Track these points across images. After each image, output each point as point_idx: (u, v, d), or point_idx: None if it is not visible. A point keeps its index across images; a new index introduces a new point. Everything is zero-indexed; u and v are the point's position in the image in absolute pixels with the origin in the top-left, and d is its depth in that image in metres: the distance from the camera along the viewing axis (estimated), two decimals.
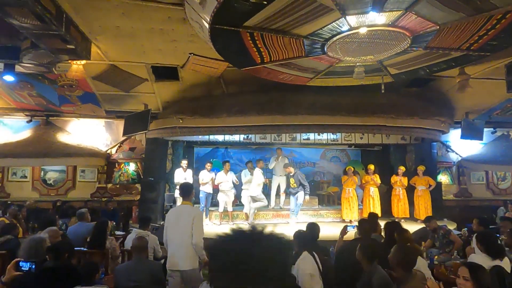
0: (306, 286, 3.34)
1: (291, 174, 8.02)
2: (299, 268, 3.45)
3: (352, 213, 8.60)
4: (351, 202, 8.67)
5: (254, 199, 7.91)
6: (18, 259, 2.41)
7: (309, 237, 4.06)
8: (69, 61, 5.51)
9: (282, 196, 9.07)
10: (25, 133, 8.88)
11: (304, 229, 4.21)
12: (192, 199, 4.34)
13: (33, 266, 2.32)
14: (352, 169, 9.02)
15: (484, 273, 2.38)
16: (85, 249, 4.56)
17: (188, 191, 3.97)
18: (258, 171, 8.06)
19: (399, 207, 8.78)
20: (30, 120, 8.91)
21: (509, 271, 3.25)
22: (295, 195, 7.97)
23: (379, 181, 8.84)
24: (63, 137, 8.98)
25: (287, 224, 8.16)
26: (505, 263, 3.37)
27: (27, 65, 5.36)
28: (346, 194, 8.72)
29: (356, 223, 4.58)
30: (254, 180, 7.95)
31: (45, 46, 4.70)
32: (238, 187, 8.48)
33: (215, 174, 8.35)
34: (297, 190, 7.92)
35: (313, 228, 4.28)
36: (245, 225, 7.98)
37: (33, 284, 2.84)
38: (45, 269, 3.08)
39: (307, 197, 7.98)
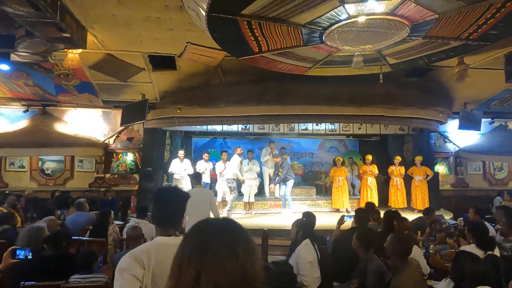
0: (305, 273, 3.40)
1: (279, 164, 8.06)
2: (299, 255, 3.50)
3: (342, 202, 8.64)
4: (341, 192, 8.69)
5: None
6: (14, 246, 2.42)
7: (309, 226, 4.12)
8: (65, 50, 5.46)
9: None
10: (22, 123, 8.83)
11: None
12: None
13: (30, 254, 2.33)
14: (341, 160, 9.06)
15: (465, 261, 2.41)
16: (84, 238, 4.59)
17: (200, 177, 5.59)
18: (236, 158, 8.02)
19: (398, 197, 8.83)
20: (27, 110, 8.87)
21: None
22: (286, 182, 7.96)
23: (376, 171, 8.88)
24: (60, 127, 8.94)
25: (279, 214, 8.18)
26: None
27: (22, 54, 5.31)
28: (336, 183, 8.75)
29: (353, 213, 4.62)
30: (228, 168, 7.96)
31: (40, 35, 4.65)
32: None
33: (213, 164, 8.36)
34: (285, 177, 7.91)
35: (309, 217, 4.31)
36: (244, 215, 8.05)
37: (30, 271, 2.86)
38: (43, 258, 3.11)
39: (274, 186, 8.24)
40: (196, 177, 5.40)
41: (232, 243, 0.90)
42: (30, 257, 2.33)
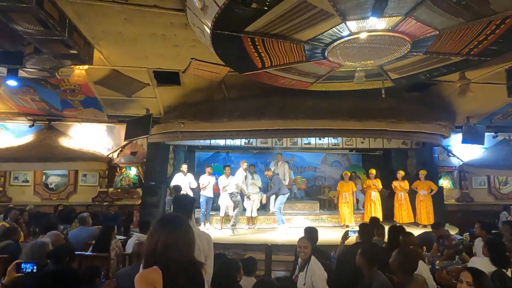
0: None
1: (270, 178, 8.12)
2: (314, 273, 3.46)
3: (348, 218, 8.55)
4: (348, 207, 8.62)
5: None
6: (19, 260, 2.41)
7: (312, 241, 4.10)
8: (72, 66, 5.55)
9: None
10: (27, 138, 8.92)
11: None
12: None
13: (35, 267, 2.32)
14: (349, 174, 9.02)
15: (487, 279, 2.38)
16: (86, 253, 4.57)
17: (180, 189, 6.02)
18: (241, 172, 8.05)
19: (402, 212, 8.75)
20: (32, 125, 8.96)
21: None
22: (277, 197, 7.99)
23: (380, 186, 8.83)
24: (65, 142, 9.02)
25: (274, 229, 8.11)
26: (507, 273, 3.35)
27: (30, 70, 5.42)
28: (342, 199, 8.68)
29: (357, 228, 4.57)
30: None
31: (48, 51, 4.75)
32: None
33: (216, 179, 8.35)
34: (275, 192, 7.97)
35: (311, 232, 4.27)
36: (247, 230, 7.99)
37: (33, 286, 2.84)
38: (46, 274, 3.09)
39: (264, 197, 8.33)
40: (175, 189, 6.41)
41: (176, 226, 1.78)
42: (35, 270, 2.32)
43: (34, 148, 8.52)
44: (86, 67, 5.71)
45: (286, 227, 7.81)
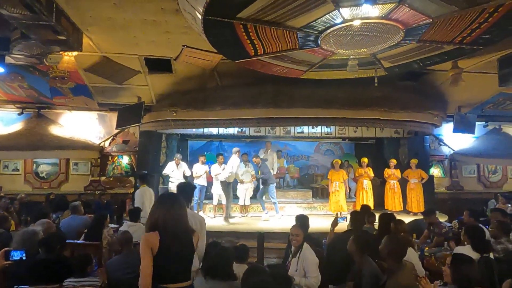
0: (315, 275, 3.46)
1: (259, 166, 8.20)
2: (306, 258, 3.54)
3: (340, 207, 8.49)
4: (338, 196, 8.57)
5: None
6: (8, 248, 2.40)
7: (304, 229, 4.17)
8: (61, 52, 5.44)
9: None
10: (17, 126, 8.78)
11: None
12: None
13: (24, 255, 2.32)
14: (339, 162, 8.91)
15: (465, 263, 2.42)
16: (78, 241, 4.56)
17: (146, 176, 6.24)
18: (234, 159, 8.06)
19: (394, 200, 8.86)
20: (22, 113, 8.82)
21: None
22: (267, 186, 8.05)
23: (372, 174, 8.91)
24: (55, 130, 8.90)
25: (273, 217, 8.18)
26: None
27: (17, 56, 5.28)
28: (332, 187, 8.62)
29: (347, 215, 4.63)
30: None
31: (35, 37, 4.62)
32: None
33: (209, 167, 8.35)
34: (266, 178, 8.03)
35: (303, 219, 4.32)
36: (240, 218, 8.06)
37: (24, 275, 2.84)
38: (37, 261, 3.09)
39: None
40: (141, 177, 6.67)
41: (173, 204, 2.34)
42: (24, 258, 2.32)
43: (23, 136, 8.39)
44: (75, 53, 5.60)
45: (267, 214, 8.04)
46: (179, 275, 2.29)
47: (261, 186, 8.12)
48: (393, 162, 9.06)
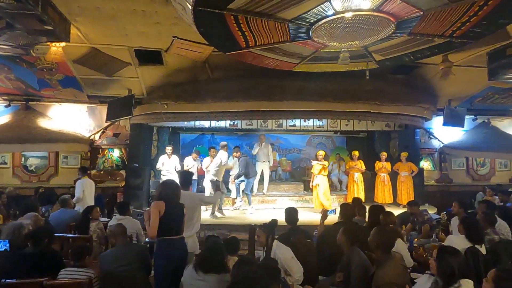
0: (295, 269, 3.31)
1: (238, 159, 8.11)
2: (279, 258, 3.36)
3: (319, 203, 7.91)
4: (318, 192, 7.97)
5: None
6: None
7: (293, 221, 4.19)
8: (48, 43, 5.32)
9: (266, 182, 9.14)
10: (4, 118, 8.60)
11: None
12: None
13: (7, 245, 2.28)
14: (323, 154, 8.24)
15: (450, 256, 2.43)
16: (68, 235, 4.52)
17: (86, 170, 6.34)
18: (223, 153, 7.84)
19: (385, 193, 8.95)
20: (9, 105, 8.63)
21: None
22: (250, 178, 7.98)
23: (363, 167, 8.98)
24: (44, 122, 8.74)
25: (267, 209, 8.16)
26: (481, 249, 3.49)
27: (3, 46, 5.14)
28: (313, 180, 8.06)
29: (337, 208, 4.66)
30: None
31: (21, 27, 4.51)
32: (226, 172, 8.39)
33: (201, 162, 8.29)
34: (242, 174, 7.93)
35: (291, 212, 4.33)
36: (231, 211, 8.06)
37: (11, 269, 2.80)
38: (24, 255, 3.05)
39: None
40: (82, 170, 7.11)
41: (173, 186, 3.54)
42: (8, 249, 2.28)
43: (11, 129, 8.22)
44: (63, 44, 5.48)
45: (240, 205, 8.12)
46: (176, 231, 3.36)
47: (244, 180, 8.02)
48: (384, 155, 9.14)
